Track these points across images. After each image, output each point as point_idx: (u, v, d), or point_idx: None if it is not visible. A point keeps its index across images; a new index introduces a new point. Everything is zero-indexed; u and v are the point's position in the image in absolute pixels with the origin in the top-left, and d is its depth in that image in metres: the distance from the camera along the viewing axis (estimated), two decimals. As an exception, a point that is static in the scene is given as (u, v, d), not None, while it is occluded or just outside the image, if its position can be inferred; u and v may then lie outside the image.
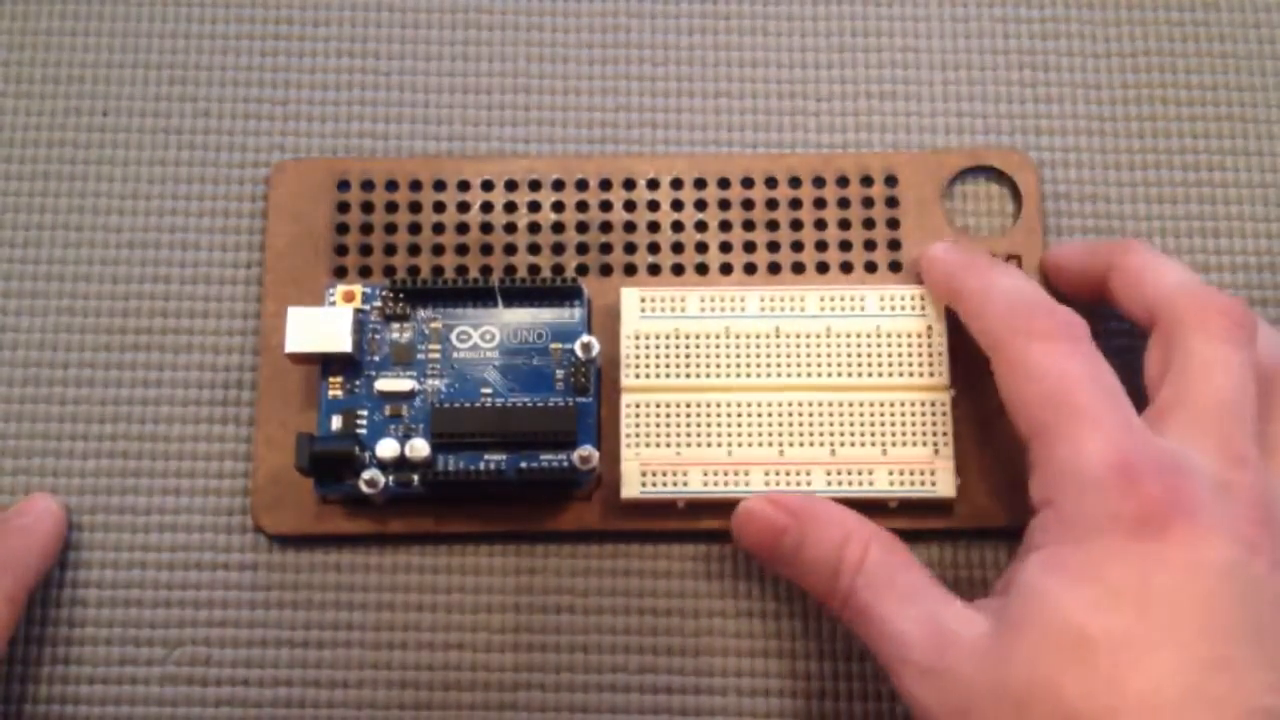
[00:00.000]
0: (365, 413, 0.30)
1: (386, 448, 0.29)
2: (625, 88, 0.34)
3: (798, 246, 0.32)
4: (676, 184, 0.33)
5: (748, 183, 0.33)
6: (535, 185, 0.33)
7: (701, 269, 0.32)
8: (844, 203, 0.33)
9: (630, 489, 0.30)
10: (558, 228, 0.33)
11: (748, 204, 0.33)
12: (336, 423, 0.30)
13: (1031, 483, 0.26)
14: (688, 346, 0.30)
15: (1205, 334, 0.26)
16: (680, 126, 0.34)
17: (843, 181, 0.33)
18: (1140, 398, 0.27)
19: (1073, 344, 0.26)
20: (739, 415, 0.30)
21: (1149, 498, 0.24)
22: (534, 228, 0.33)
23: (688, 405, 0.30)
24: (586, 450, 0.29)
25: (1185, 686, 0.22)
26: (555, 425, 0.29)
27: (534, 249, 0.32)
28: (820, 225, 0.32)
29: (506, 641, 0.31)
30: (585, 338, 0.30)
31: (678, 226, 0.33)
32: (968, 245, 0.31)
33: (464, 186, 0.33)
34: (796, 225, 0.32)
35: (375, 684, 0.31)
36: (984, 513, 0.31)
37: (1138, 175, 0.34)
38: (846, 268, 0.32)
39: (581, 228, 0.33)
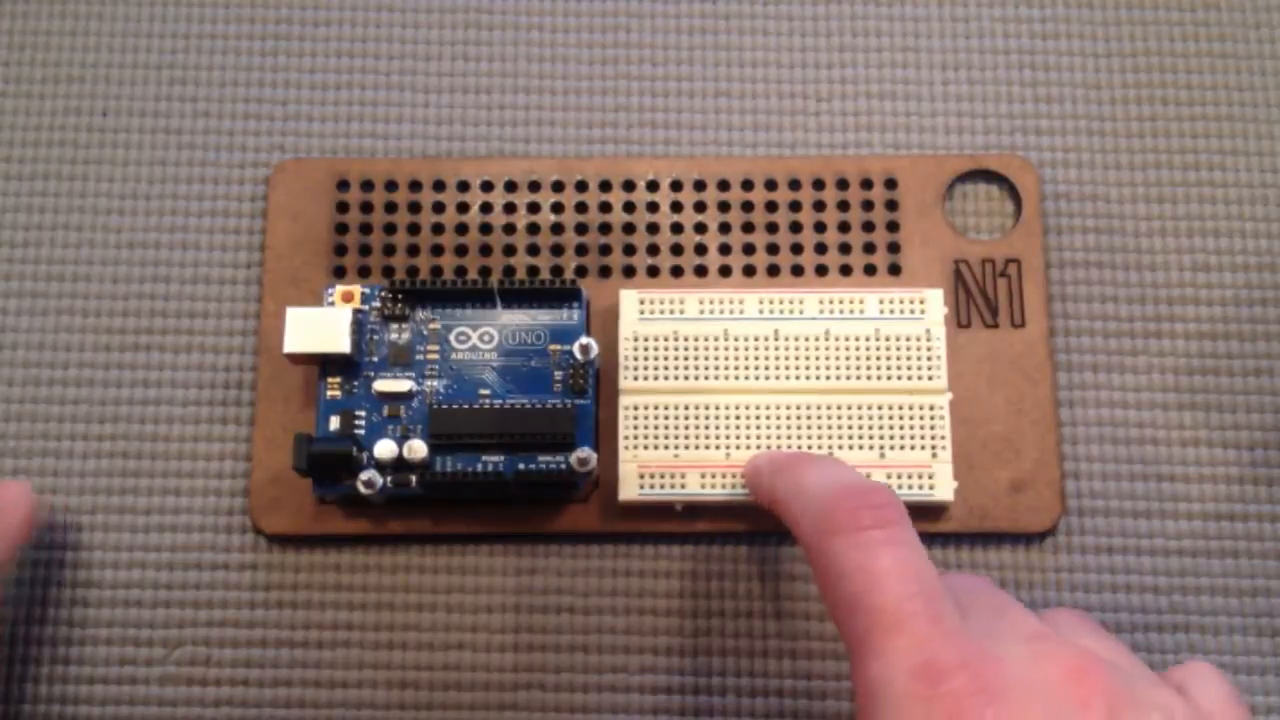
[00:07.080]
0: (363, 413, 0.30)
1: (384, 449, 0.30)
2: (625, 88, 0.34)
3: (797, 249, 0.32)
4: (676, 185, 0.33)
5: (747, 185, 0.33)
6: (535, 186, 0.33)
7: (700, 271, 0.32)
8: (844, 205, 0.33)
9: (628, 491, 0.30)
10: (557, 229, 0.33)
11: (747, 206, 0.33)
12: (334, 423, 0.30)
13: (855, 699, 0.24)
14: (686, 349, 0.30)
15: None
16: (680, 127, 0.34)
17: (842, 184, 0.33)
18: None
19: (882, 532, 0.24)
20: (737, 418, 0.30)
21: (954, 696, 0.22)
22: (533, 229, 0.33)
23: (686, 407, 0.30)
24: (584, 452, 0.29)
25: None
26: (553, 427, 0.29)
27: (533, 250, 0.32)
28: (820, 228, 0.32)
29: (506, 641, 0.31)
30: (584, 339, 0.30)
31: (677, 228, 0.33)
32: (786, 451, 0.30)
33: (463, 187, 0.33)
34: (796, 228, 0.32)
35: (375, 684, 0.31)
36: (982, 516, 0.31)
37: (1138, 175, 0.34)
38: (846, 271, 0.32)
39: (581, 229, 0.33)
